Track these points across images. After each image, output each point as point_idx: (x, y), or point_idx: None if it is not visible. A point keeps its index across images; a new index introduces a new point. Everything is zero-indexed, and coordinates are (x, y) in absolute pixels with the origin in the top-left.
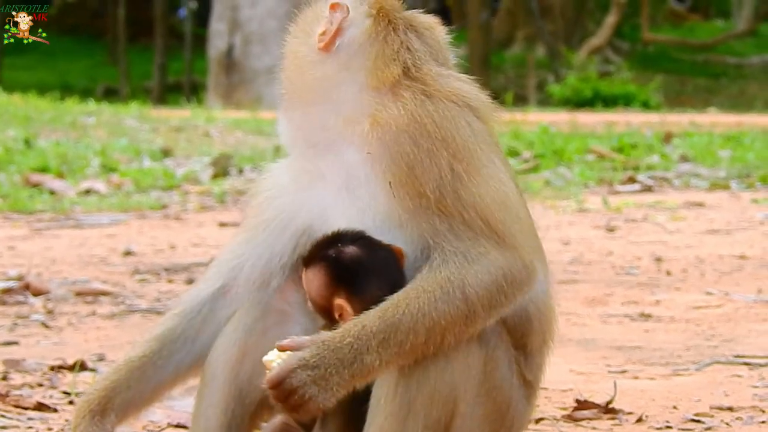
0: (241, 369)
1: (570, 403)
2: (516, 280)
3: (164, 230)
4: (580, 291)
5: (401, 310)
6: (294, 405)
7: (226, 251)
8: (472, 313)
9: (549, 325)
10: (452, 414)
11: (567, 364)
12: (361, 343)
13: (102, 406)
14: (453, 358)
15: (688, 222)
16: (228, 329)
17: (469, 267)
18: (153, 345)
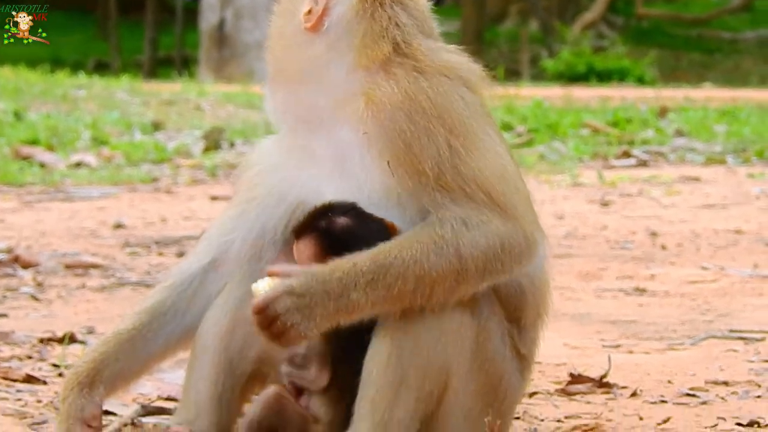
0: (231, 341)
1: (564, 377)
2: (515, 250)
3: (155, 203)
4: (574, 265)
5: (393, 255)
6: (276, 332)
7: (216, 225)
8: (464, 271)
9: (543, 299)
10: (445, 387)
11: (561, 338)
12: (349, 278)
13: (90, 378)
14: (445, 330)
15: (684, 196)
16: (218, 302)
17: (467, 231)
18: (142, 317)
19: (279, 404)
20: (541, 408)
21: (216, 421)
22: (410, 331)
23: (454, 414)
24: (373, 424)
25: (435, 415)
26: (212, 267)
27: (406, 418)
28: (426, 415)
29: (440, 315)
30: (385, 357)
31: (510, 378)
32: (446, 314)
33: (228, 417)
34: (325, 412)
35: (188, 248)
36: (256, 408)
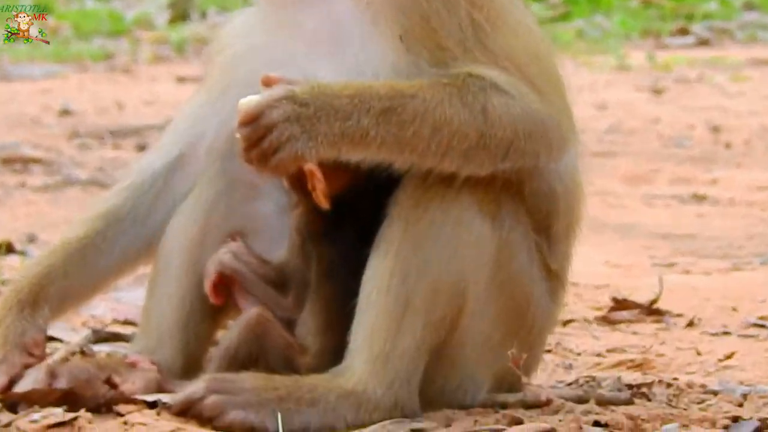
0: (201, 253)
1: (605, 302)
2: (547, 135)
3: (110, 85)
4: (619, 166)
5: (414, 90)
6: (266, 150)
7: (184, 114)
8: (488, 135)
9: (577, 206)
10: (459, 311)
11: (602, 255)
12: (362, 99)
13: (33, 297)
14: (460, 242)
15: (753, 84)
16: (186, 206)
17: (498, 94)
18: (95, 225)
19: (261, 329)
20: (578, 339)
21: (182, 350)
22: (418, 242)
23: (469, 343)
24: (371, 356)
25: (447, 345)
26: (179, 165)
27: (412, 349)
28: (436, 345)
29: (454, 223)
30: (387, 275)
31: (538, 301)
32: (461, 223)
33: (197, 345)
34: (313, 342)
35: (150, 140)
36: (233, 334)
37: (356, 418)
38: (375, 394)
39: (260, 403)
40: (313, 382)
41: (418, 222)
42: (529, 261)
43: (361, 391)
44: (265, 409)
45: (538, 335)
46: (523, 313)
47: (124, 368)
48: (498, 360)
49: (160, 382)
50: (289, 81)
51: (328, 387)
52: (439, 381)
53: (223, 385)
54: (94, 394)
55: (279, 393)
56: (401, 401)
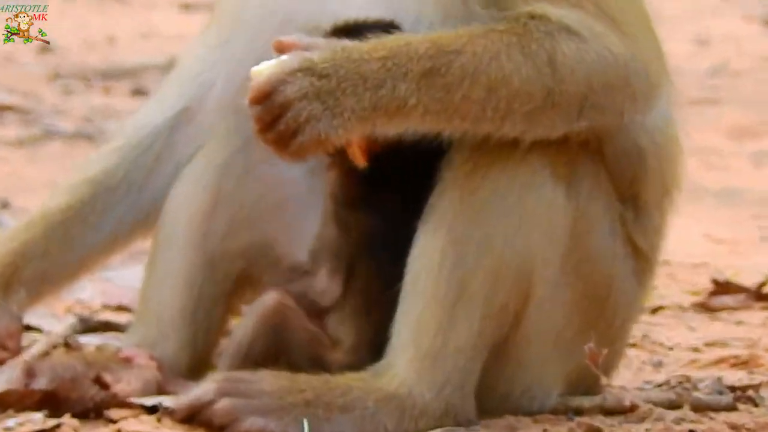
0: (211, 226)
1: (704, 285)
2: (631, 82)
3: (98, 14)
4: (723, 117)
5: (461, 43)
6: (284, 132)
7: (189, 58)
8: (559, 86)
9: (671, 167)
10: (525, 299)
11: (700, 227)
12: (397, 62)
13: (5, 279)
14: (527, 214)
15: None
16: (193, 169)
17: (568, 38)
18: (82, 192)
19: (280, 318)
20: (669, 330)
21: (188, 343)
22: (476, 214)
23: (537, 338)
24: (418, 353)
25: (509, 340)
26: (183, 120)
27: (468, 346)
28: (496, 340)
29: (520, 191)
30: (438, 254)
31: (622, 285)
32: (530, 190)
33: (206, 337)
34: (347, 333)
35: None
36: (247, 325)
37: (399, 426)
38: (422, 398)
39: (282, 408)
40: (347, 384)
41: (476, 190)
42: (611, 236)
43: (406, 394)
44: (289, 416)
45: (621, 326)
46: (602, 300)
47: (118, 365)
48: (572, 357)
49: (160, 381)
50: (306, 45)
51: (365, 389)
52: (500, 384)
53: (238, 386)
54: (81, 396)
55: (305, 396)
56: (453, 407)
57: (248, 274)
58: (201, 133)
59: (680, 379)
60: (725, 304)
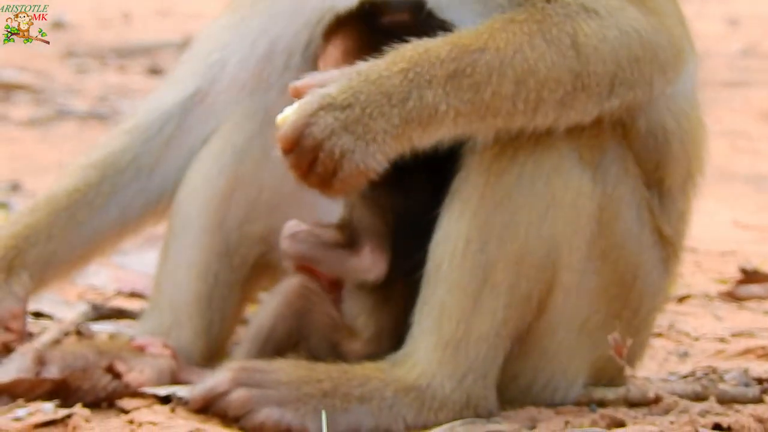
0: (228, 211)
1: (732, 274)
2: (658, 52)
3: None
4: (752, 99)
5: (483, 41)
6: (324, 173)
7: (204, 38)
8: (586, 68)
9: (696, 149)
10: (550, 287)
11: (729, 212)
12: (420, 71)
13: (8, 262)
14: (553, 200)
15: None
16: (209, 152)
17: (588, 17)
18: (89, 175)
19: (303, 303)
20: (696, 320)
21: (204, 330)
22: (501, 199)
23: (562, 327)
24: (439, 342)
25: (533, 330)
26: (197, 101)
27: (490, 334)
28: (520, 329)
29: (548, 176)
30: (461, 240)
31: (649, 274)
32: (559, 175)
33: (221, 325)
34: (365, 323)
35: (164, 63)
36: (269, 309)
37: (418, 418)
38: (442, 389)
39: (299, 398)
40: (365, 374)
41: (502, 174)
42: (638, 223)
43: (426, 385)
44: (306, 407)
45: (646, 316)
46: (628, 288)
47: (131, 353)
48: (596, 347)
49: (174, 370)
50: (321, 81)
51: (383, 379)
52: (523, 374)
53: (254, 375)
54: (93, 385)
55: (322, 386)
56: (475, 398)
57: (266, 260)
58: (213, 115)
59: (706, 370)
60: (753, 294)
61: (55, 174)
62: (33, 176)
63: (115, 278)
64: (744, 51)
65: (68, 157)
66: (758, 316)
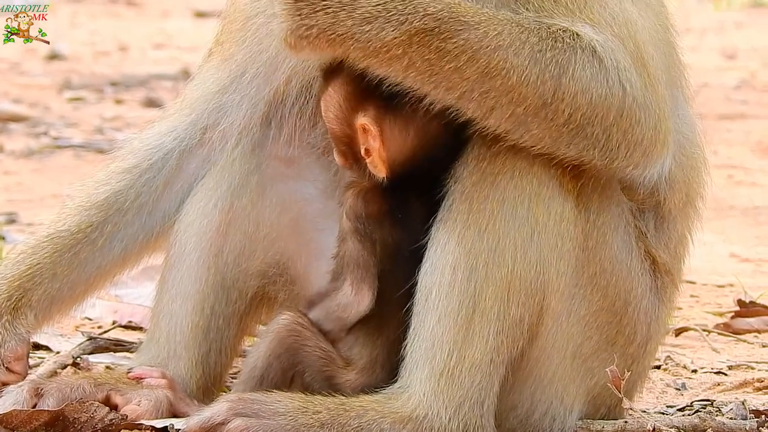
0: (225, 245)
1: (729, 306)
2: (634, 129)
3: (110, 20)
4: (750, 132)
5: (477, 19)
6: None
7: (204, 82)
8: (556, 104)
9: (695, 175)
10: (540, 312)
11: (726, 245)
12: (402, 9)
13: (14, 302)
14: (537, 225)
15: None
16: (206, 186)
17: (590, 62)
18: (92, 216)
19: (294, 340)
20: (693, 352)
21: (200, 362)
22: (485, 226)
23: (555, 354)
24: (433, 372)
25: (526, 357)
26: (196, 144)
27: (484, 362)
28: (514, 355)
29: (530, 201)
30: (448, 269)
31: (641, 300)
32: (539, 200)
33: (218, 357)
34: (360, 353)
35: (161, 95)
36: (264, 346)
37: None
38: (439, 419)
39: (296, 429)
40: (362, 405)
41: (485, 201)
42: (626, 249)
43: (423, 416)
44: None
45: (642, 345)
46: (620, 315)
47: (128, 385)
48: (592, 375)
49: (172, 402)
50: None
51: (380, 411)
52: (520, 403)
53: (252, 406)
54: (90, 417)
55: (320, 417)
56: (472, 427)
57: (264, 293)
58: (212, 156)
59: (704, 403)
60: (750, 326)
61: (51, 206)
62: (29, 208)
63: (112, 310)
64: (741, 83)
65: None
66: (756, 349)
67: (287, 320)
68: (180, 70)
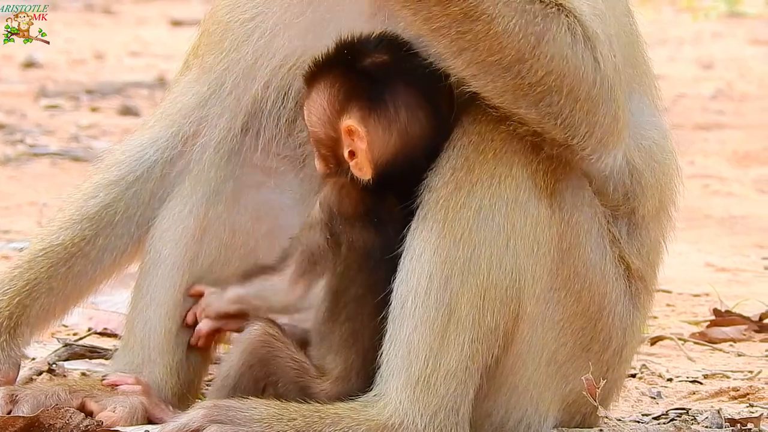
0: (200, 252)
1: (705, 315)
2: (596, 114)
3: (86, 28)
4: (726, 142)
5: None
6: None
7: (183, 93)
8: (531, 63)
9: (668, 181)
10: (515, 319)
11: (702, 255)
12: None
13: (14, 321)
14: (513, 231)
15: None
16: (179, 194)
17: (573, 31)
18: (84, 230)
19: (266, 351)
20: (669, 361)
21: (175, 368)
22: (459, 236)
23: (530, 360)
24: (409, 379)
25: (502, 363)
26: (177, 155)
27: (460, 369)
28: (489, 362)
29: (507, 207)
30: (424, 277)
31: (615, 305)
32: (514, 208)
33: (193, 363)
34: (334, 362)
35: (137, 103)
36: (235, 357)
37: None
38: (415, 427)
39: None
40: (338, 413)
41: (460, 209)
42: (600, 252)
43: (398, 424)
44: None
45: (617, 353)
46: (594, 320)
47: (103, 392)
48: (567, 382)
49: (147, 408)
50: None
51: (356, 419)
52: (495, 411)
53: (227, 413)
54: (65, 423)
55: (295, 425)
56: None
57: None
58: (191, 165)
59: (679, 411)
60: (726, 336)
61: (28, 213)
62: (5, 215)
63: (87, 317)
64: (717, 93)
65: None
66: (731, 358)
67: (258, 330)
68: (156, 77)
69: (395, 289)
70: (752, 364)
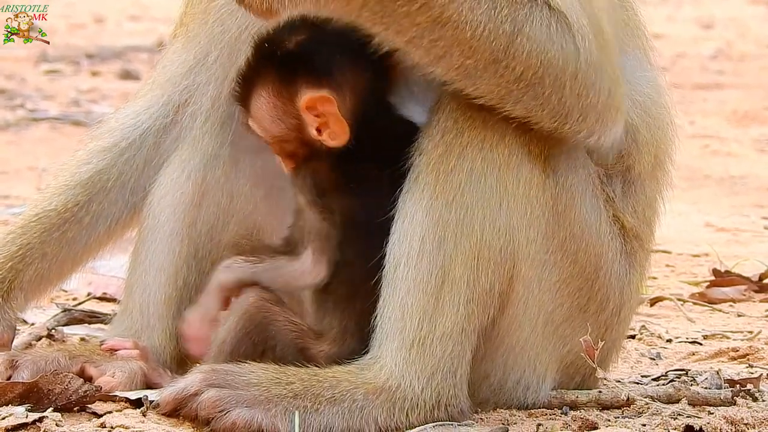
0: (198, 216)
1: (704, 275)
2: (588, 94)
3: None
4: (726, 102)
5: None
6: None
7: (175, 61)
8: (507, 62)
9: (662, 137)
10: (510, 280)
11: (701, 215)
12: None
13: (7, 285)
14: (506, 192)
15: None
16: (177, 158)
17: (548, 22)
18: (78, 196)
19: (263, 316)
20: (668, 322)
21: (174, 334)
22: (453, 196)
23: (526, 321)
24: (404, 342)
25: (498, 325)
26: (171, 122)
27: (455, 331)
28: (485, 323)
29: (499, 169)
30: (417, 239)
31: (611, 265)
32: (508, 168)
33: None
34: (330, 324)
35: (137, 66)
36: (232, 324)
37: (389, 419)
38: (412, 389)
39: (270, 399)
40: (336, 376)
41: (452, 172)
42: (595, 213)
43: (395, 386)
44: (276, 408)
45: (615, 313)
46: (591, 280)
47: (102, 357)
48: (564, 343)
49: (146, 373)
50: None
51: (353, 382)
52: (493, 372)
53: (225, 377)
54: (64, 389)
55: (293, 388)
56: (445, 397)
57: None
58: (186, 132)
59: (678, 372)
60: (725, 296)
61: (27, 178)
62: (4, 180)
63: (87, 282)
64: (716, 54)
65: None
66: (731, 318)
67: (254, 297)
68: (156, 41)
69: (388, 252)
70: (752, 325)
